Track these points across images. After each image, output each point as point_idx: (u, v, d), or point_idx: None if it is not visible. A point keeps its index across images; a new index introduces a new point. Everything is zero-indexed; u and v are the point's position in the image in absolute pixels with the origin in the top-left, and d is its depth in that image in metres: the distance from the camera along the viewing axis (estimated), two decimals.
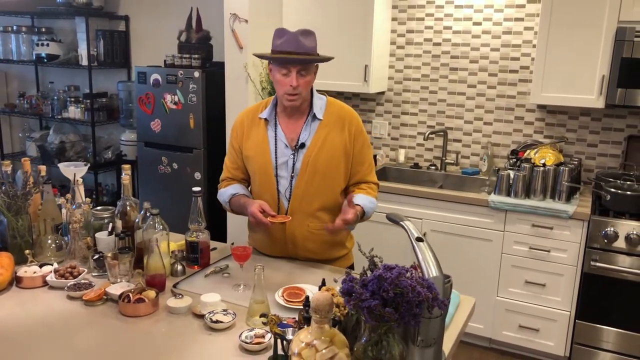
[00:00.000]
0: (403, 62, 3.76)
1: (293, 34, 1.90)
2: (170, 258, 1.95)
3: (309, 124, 2.02)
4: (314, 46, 1.93)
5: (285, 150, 2.02)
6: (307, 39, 1.91)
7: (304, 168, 2.00)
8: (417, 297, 1.22)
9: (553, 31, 3.03)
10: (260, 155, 2.04)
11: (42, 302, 1.74)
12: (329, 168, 2.01)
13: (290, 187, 2.02)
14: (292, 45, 1.88)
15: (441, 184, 3.61)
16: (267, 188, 2.04)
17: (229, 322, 1.58)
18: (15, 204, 1.93)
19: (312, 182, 2.00)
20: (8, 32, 4.68)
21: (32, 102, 4.72)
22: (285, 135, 2.03)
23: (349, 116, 2.05)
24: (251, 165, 2.08)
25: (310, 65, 1.93)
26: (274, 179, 2.03)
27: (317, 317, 1.27)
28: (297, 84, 1.91)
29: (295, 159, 2.01)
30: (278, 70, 1.93)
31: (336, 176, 2.03)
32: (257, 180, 2.08)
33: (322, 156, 1.99)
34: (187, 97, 3.73)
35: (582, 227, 2.87)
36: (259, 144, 2.04)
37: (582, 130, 3.35)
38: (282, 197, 2.03)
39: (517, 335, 3.14)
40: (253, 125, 2.07)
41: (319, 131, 2.01)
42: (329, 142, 2.00)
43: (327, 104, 2.06)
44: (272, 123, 2.05)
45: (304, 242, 2.05)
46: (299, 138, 2.02)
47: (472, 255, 3.16)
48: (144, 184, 4.04)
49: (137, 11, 4.50)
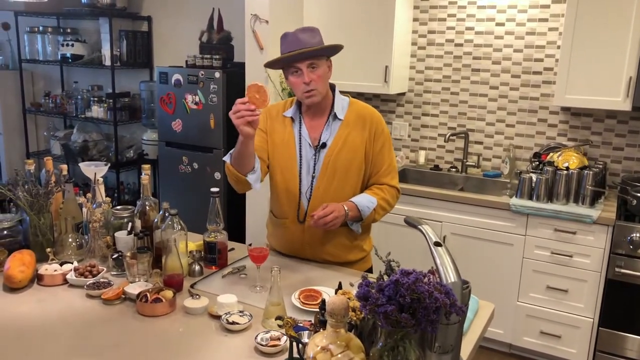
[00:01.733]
0: (424, 63, 3.72)
1: (292, 34, 1.89)
2: (188, 258, 1.95)
3: (330, 123, 2.01)
4: (317, 40, 1.91)
5: (308, 150, 2.02)
6: (307, 34, 1.89)
7: (324, 168, 1.99)
8: (435, 303, 1.20)
9: (578, 31, 2.97)
10: (286, 152, 2.03)
11: (62, 299, 1.76)
12: (350, 168, 1.99)
13: (310, 187, 2.01)
14: (293, 45, 1.87)
15: (462, 187, 3.57)
16: (289, 187, 2.02)
17: (245, 324, 1.58)
18: (37, 203, 1.96)
19: (332, 182, 1.99)
20: (34, 32, 4.77)
21: (57, 102, 4.80)
22: (309, 134, 2.03)
23: (370, 115, 2.02)
24: (275, 161, 2.05)
25: (319, 59, 1.91)
26: (297, 177, 2.02)
27: (333, 320, 1.26)
28: (309, 79, 1.89)
29: (317, 158, 2.00)
30: (290, 73, 1.93)
31: (357, 177, 2.01)
32: (278, 178, 2.05)
33: (342, 156, 1.98)
34: (208, 97, 3.75)
35: (606, 232, 2.81)
36: (285, 140, 2.03)
37: (608, 133, 3.28)
38: (302, 197, 2.02)
39: (538, 341, 3.08)
40: (277, 121, 2.06)
41: (340, 131, 2.00)
42: (349, 142, 1.99)
43: (350, 104, 2.05)
44: (297, 122, 2.04)
45: (321, 244, 2.04)
46: (321, 138, 2.01)
47: (493, 259, 3.11)
48: (165, 183, 4.08)
49: (160, 12, 4.55)
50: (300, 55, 1.87)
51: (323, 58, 1.94)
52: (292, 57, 1.88)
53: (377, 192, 2.02)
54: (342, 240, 2.04)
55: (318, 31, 1.93)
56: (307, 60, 1.88)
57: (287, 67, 1.94)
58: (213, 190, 1.98)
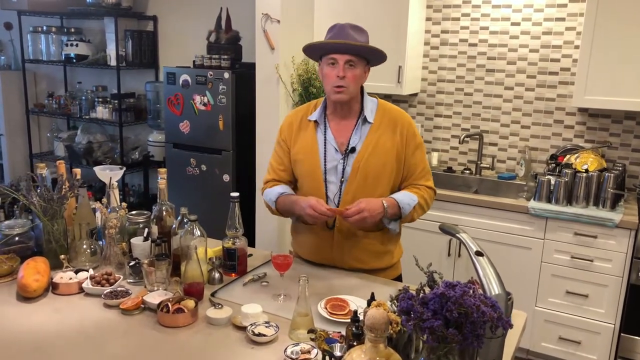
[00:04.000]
0: (437, 63, 3.66)
1: (342, 26, 1.86)
2: (207, 265, 1.89)
3: (360, 127, 1.94)
4: (365, 40, 1.88)
5: (335, 155, 1.95)
6: (357, 32, 1.86)
7: (354, 173, 1.92)
8: (482, 317, 1.14)
9: (598, 31, 2.91)
10: (309, 159, 1.96)
11: (78, 309, 1.69)
12: (381, 173, 1.92)
13: (339, 192, 1.94)
14: (339, 36, 1.84)
15: (476, 189, 3.51)
16: (316, 193, 1.95)
17: (272, 336, 1.51)
18: (51, 208, 1.89)
19: (363, 187, 1.92)
20: (38, 32, 4.70)
21: (60, 102, 4.72)
22: (335, 138, 1.96)
23: (401, 118, 1.96)
24: (299, 169, 2.00)
25: (359, 60, 1.86)
26: (323, 183, 1.95)
27: (372, 335, 1.19)
28: (343, 74, 1.84)
29: (345, 163, 1.93)
30: (326, 61, 1.88)
31: (388, 182, 1.94)
32: (305, 185, 2.00)
33: (373, 161, 1.91)
34: (217, 98, 3.68)
35: (628, 236, 2.75)
36: (308, 147, 1.97)
37: (626, 135, 3.22)
38: (330, 202, 1.96)
39: (557, 347, 3.02)
40: (302, 128, 2.00)
41: (370, 135, 1.93)
42: (380, 146, 1.92)
43: (379, 106, 1.98)
44: (322, 126, 1.98)
45: (351, 250, 1.97)
46: (349, 142, 1.94)
47: (510, 263, 3.05)
48: (172, 185, 3.99)
49: (166, 11, 4.48)
50: (344, 46, 1.82)
51: (363, 61, 1.89)
52: (334, 46, 1.83)
53: (416, 190, 1.96)
54: (372, 245, 1.97)
55: (367, 34, 1.90)
56: (348, 54, 1.83)
57: (324, 57, 1.88)
58: (233, 195, 1.92)
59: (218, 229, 2.11)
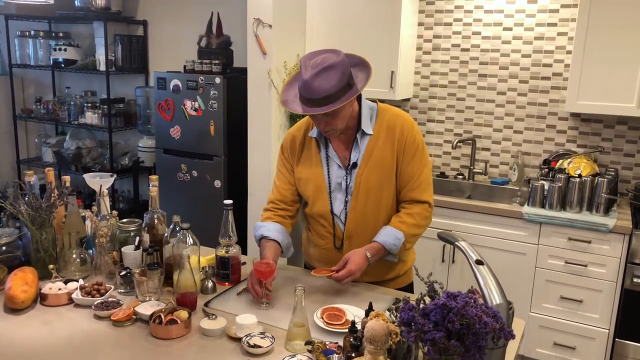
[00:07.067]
0: (429, 68, 3.65)
1: (305, 81, 1.66)
2: (200, 274, 1.85)
3: (359, 141, 1.87)
4: (334, 83, 1.65)
5: (338, 171, 1.90)
6: (322, 79, 1.64)
7: (356, 188, 1.87)
8: (484, 328, 1.11)
9: (590, 36, 2.92)
10: (313, 177, 1.92)
11: (68, 321, 1.65)
12: (382, 186, 1.87)
13: (345, 209, 1.90)
14: (306, 93, 1.67)
15: (469, 194, 3.50)
16: (322, 211, 1.92)
17: (268, 347, 1.48)
18: (39, 217, 1.84)
19: (367, 202, 1.87)
20: (25, 36, 4.63)
21: (48, 108, 4.65)
22: (337, 154, 1.90)
23: (400, 125, 1.86)
24: (304, 188, 1.95)
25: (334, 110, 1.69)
26: (328, 201, 1.91)
27: (372, 347, 1.17)
28: (325, 127, 1.77)
29: (349, 179, 1.88)
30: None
31: (390, 194, 1.89)
32: (310, 203, 1.96)
33: (374, 174, 1.85)
34: (208, 103, 3.65)
35: (622, 241, 2.75)
36: (312, 165, 1.92)
37: (619, 140, 3.22)
38: (337, 220, 1.92)
39: (551, 353, 3.01)
40: (305, 146, 1.95)
41: (369, 147, 1.86)
42: (379, 159, 1.85)
43: (379, 113, 1.89)
44: (323, 142, 1.92)
45: None
46: (350, 157, 1.89)
47: (504, 269, 3.03)
48: (163, 191, 3.88)
49: (156, 16, 4.44)
50: (311, 114, 1.72)
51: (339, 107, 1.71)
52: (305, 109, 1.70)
53: (404, 219, 1.86)
54: (383, 260, 1.90)
55: (337, 66, 1.66)
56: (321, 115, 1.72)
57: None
58: (226, 203, 1.88)
59: (210, 235, 2.07)
